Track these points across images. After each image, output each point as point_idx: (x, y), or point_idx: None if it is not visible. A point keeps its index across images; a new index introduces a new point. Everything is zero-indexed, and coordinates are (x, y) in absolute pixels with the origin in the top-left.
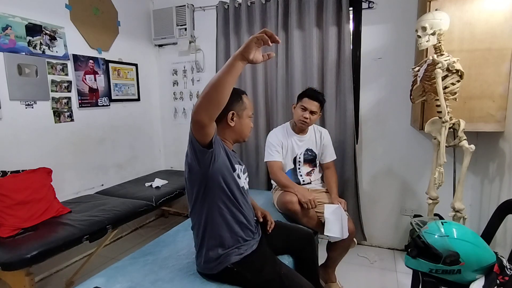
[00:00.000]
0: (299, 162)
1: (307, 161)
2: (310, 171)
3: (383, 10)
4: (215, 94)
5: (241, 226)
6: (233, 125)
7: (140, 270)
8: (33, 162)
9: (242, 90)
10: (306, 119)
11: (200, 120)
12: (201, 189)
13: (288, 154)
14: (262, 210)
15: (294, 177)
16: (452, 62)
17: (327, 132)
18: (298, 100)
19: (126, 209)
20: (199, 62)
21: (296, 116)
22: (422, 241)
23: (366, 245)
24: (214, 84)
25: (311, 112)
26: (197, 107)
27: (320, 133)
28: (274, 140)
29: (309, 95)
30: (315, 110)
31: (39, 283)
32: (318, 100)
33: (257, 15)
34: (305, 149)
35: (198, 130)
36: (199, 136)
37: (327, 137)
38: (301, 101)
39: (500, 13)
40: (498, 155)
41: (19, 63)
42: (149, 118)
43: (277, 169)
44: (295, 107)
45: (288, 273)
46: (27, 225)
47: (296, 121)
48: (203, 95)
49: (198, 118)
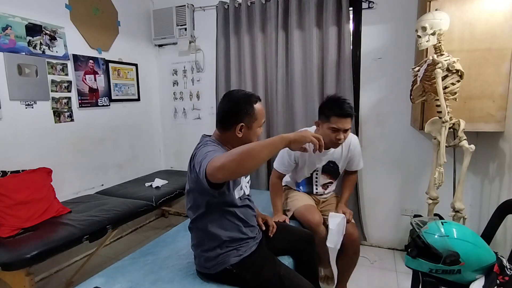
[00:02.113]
0: (317, 172)
1: (326, 172)
2: (327, 183)
3: (383, 10)
4: (249, 163)
5: (241, 228)
6: (240, 136)
7: (140, 270)
8: (33, 162)
9: (256, 96)
10: (340, 140)
11: (222, 179)
12: (202, 197)
13: (305, 168)
14: (262, 216)
15: (308, 186)
16: (452, 62)
17: (357, 141)
18: (323, 117)
19: (126, 209)
20: (199, 62)
21: (327, 138)
22: (422, 241)
23: (366, 245)
24: (252, 153)
25: (344, 131)
26: (225, 167)
27: (348, 145)
28: (289, 154)
29: (338, 114)
30: (348, 127)
31: (39, 283)
32: (350, 115)
33: (257, 15)
34: (327, 161)
35: (214, 180)
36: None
37: (355, 149)
38: (329, 121)
39: (500, 13)
40: (498, 155)
41: (19, 63)
42: (149, 118)
43: (276, 177)
44: (320, 126)
45: (288, 273)
46: (27, 225)
47: (327, 142)
48: (236, 158)
49: (222, 177)
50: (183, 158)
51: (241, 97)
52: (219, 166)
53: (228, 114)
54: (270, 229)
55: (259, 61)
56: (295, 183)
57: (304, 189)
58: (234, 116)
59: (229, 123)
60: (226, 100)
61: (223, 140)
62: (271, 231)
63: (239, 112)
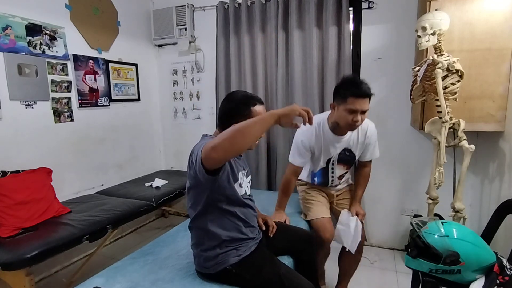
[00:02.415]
0: (333, 162)
1: (341, 162)
2: (343, 173)
3: (383, 10)
4: (241, 140)
5: (241, 228)
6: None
7: (140, 270)
8: (33, 162)
9: (257, 99)
10: (357, 122)
11: (217, 158)
12: (203, 194)
13: (322, 157)
14: (262, 216)
15: (324, 177)
16: (452, 62)
17: (374, 128)
18: (339, 99)
19: (126, 209)
20: (199, 62)
21: (343, 120)
22: (422, 241)
23: (366, 245)
24: (242, 130)
25: (362, 112)
26: (218, 145)
27: (365, 132)
28: (302, 142)
29: (356, 94)
30: (367, 108)
31: (39, 283)
32: (368, 95)
33: (257, 15)
34: (342, 149)
35: (210, 164)
36: (209, 166)
37: (372, 136)
38: (346, 102)
39: (500, 13)
40: (498, 155)
41: (19, 63)
42: (149, 118)
43: (291, 173)
44: (336, 108)
45: (287, 273)
46: (27, 225)
47: (343, 125)
48: (228, 136)
49: (216, 156)
50: (183, 158)
51: (240, 98)
52: (212, 146)
53: (225, 114)
54: (270, 229)
55: (259, 61)
56: (311, 175)
57: (320, 180)
58: (230, 117)
59: (226, 123)
60: (225, 100)
61: None
62: (271, 231)
63: (235, 113)
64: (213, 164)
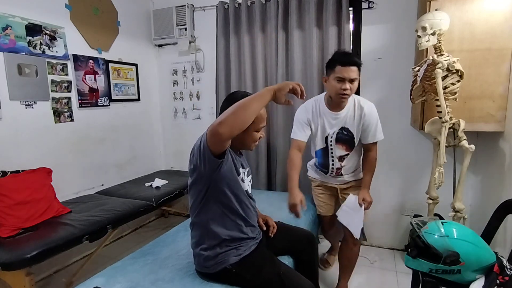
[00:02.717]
0: (331, 142)
1: (340, 141)
2: (344, 155)
3: (383, 10)
4: (243, 114)
5: (242, 227)
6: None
7: (140, 270)
8: (33, 162)
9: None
10: (346, 91)
11: (223, 133)
12: (204, 188)
13: (319, 133)
14: (263, 216)
15: (325, 159)
16: (452, 62)
17: (372, 108)
18: (329, 70)
19: (126, 209)
20: (199, 62)
21: (332, 91)
22: (422, 241)
23: (366, 245)
24: (243, 105)
25: (350, 81)
26: (223, 120)
27: (361, 110)
28: (301, 116)
29: (342, 62)
30: (354, 77)
31: (39, 283)
32: (356, 64)
33: (257, 15)
34: (340, 128)
35: (216, 142)
36: (214, 146)
37: (370, 116)
38: (333, 71)
39: (500, 13)
40: (498, 155)
41: (19, 63)
42: (149, 118)
43: (293, 148)
44: (327, 80)
45: (287, 272)
46: (27, 225)
47: (334, 96)
48: (231, 111)
49: (222, 131)
50: (183, 158)
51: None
52: (218, 122)
53: None
54: (271, 230)
55: (259, 61)
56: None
57: (320, 161)
58: None
59: None
60: (226, 101)
61: None
62: (271, 231)
63: None
64: (219, 141)
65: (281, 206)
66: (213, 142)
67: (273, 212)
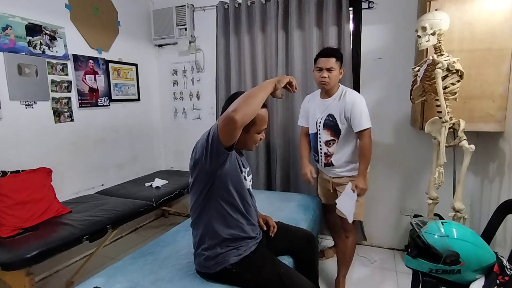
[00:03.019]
0: (319, 127)
1: (326, 127)
2: (330, 140)
3: (383, 10)
4: (252, 101)
5: (243, 226)
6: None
7: (140, 270)
8: (33, 162)
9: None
10: (324, 79)
11: (238, 120)
12: (207, 186)
13: (311, 118)
14: (263, 216)
15: (315, 142)
16: (452, 62)
17: (356, 98)
18: (314, 64)
19: (126, 209)
20: (199, 62)
21: (315, 80)
22: (422, 241)
23: (366, 245)
24: (252, 94)
25: (328, 70)
26: (236, 108)
27: (344, 100)
28: (302, 106)
29: (322, 54)
30: (331, 66)
31: (39, 283)
32: (333, 55)
33: (257, 15)
34: (327, 114)
35: (229, 131)
36: (226, 136)
37: (352, 105)
38: (315, 63)
39: (500, 13)
40: (498, 155)
41: (19, 63)
42: (149, 118)
43: (300, 134)
44: (313, 72)
45: (288, 272)
46: (27, 225)
47: (317, 85)
48: (242, 100)
49: (237, 117)
50: (183, 158)
51: None
52: (232, 110)
53: None
54: (271, 229)
55: (259, 61)
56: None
57: (312, 144)
58: None
59: None
60: (228, 100)
61: None
62: (272, 231)
63: None
64: (233, 129)
65: (281, 206)
66: (226, 131)
67: (273, 212)
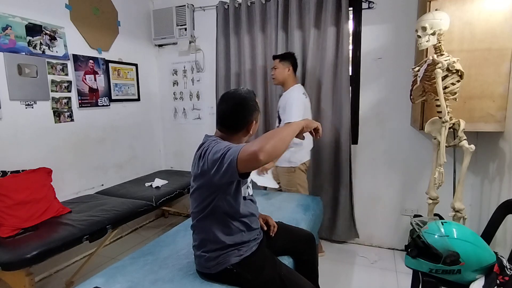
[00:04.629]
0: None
1: (278, 118)
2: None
3: (383, 10)
4: (280, 146)
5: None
6: (251, 132)
7: (140, 270)
8: (33, 162)
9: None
10: (272, 75)
11: (262, 161)
12: (212, 196)
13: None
14: (263, 216)
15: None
16: (452, 62)
17: (291, 94)
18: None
19: (126, 209)
20: (199, 62)
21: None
22: (422, 241)
23: (366, 245)
24: (282, 138)
25: (274, 68)
26: (264, 147)
27: (286, 95)
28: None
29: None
30: (274, 66)
31: (39, 283)
32: (276, 57)
33: (257, 15)
34: (278, 107)
35: (251, 166)
36: (245, 168)
37: (284, 100)
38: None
39: (500, 13)
40: (498, 155)
41: (19, 63)
42: (149, 118)
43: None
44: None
45: (288, 273)
46: (27, 225)
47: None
48: (271, 140)
49: (263, 158)
50: (183, 158)
51: (246, 95)
52: (258, 149)
53: (240, 116)
54: (272, 229)
55: (259, 61)
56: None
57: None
58: (247, 116)
59: (241, 124)
60: (231, 103)
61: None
62: (272, 230)
63: (252, 111)
64: (255, 166)
65: (281, 206)
66: (247, 165)
67: (273, 212)
